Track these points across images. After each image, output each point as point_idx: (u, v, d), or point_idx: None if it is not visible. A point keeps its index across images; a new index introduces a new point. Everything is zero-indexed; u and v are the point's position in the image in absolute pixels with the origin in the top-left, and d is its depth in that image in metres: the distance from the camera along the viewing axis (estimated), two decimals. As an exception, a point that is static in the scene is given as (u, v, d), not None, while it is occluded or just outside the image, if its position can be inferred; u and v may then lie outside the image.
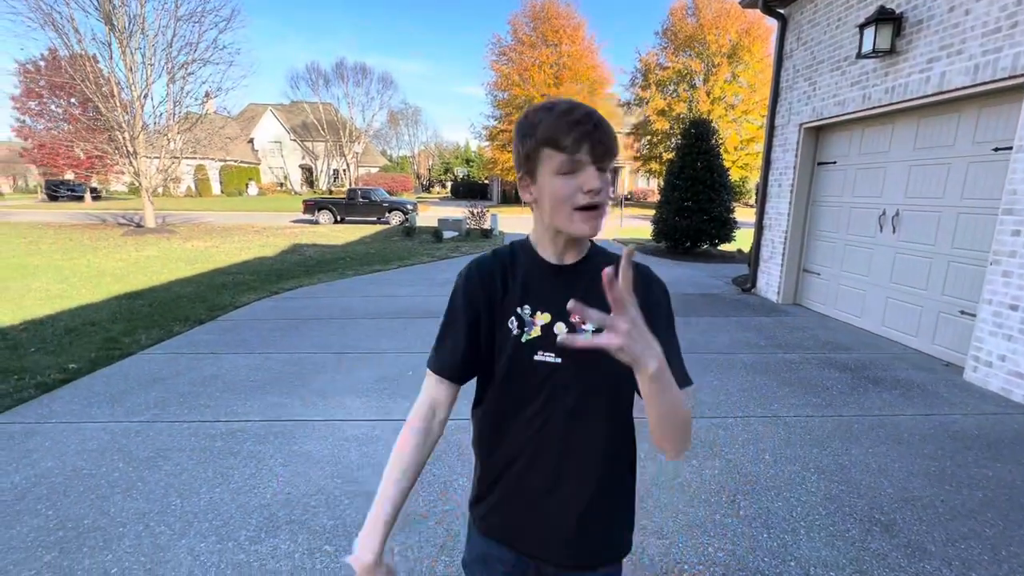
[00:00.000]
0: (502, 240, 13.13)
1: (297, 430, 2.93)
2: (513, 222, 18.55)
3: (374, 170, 42.93)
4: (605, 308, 0.63)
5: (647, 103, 26.86)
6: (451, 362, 0.88)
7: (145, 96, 13.78)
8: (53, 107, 28.89)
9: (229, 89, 18.36)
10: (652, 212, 11.82)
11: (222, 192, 37.14)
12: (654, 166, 27.92)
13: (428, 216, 20.17)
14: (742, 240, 10.68)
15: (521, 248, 0.90)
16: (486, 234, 13.67)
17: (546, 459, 0.85)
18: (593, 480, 0.86)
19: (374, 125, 43.26)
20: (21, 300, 6.06)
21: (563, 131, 0.75)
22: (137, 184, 14.43)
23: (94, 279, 7.45)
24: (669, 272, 8.59)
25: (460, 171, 54.05)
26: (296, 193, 39.98)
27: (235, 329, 5.00)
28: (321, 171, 42.31)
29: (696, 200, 10.18)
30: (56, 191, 31.26)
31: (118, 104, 13.47)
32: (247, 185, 38.41)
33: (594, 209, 0.78)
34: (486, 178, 40.93)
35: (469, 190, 40.80)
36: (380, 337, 4.72)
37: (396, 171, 44.81)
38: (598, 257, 0.89)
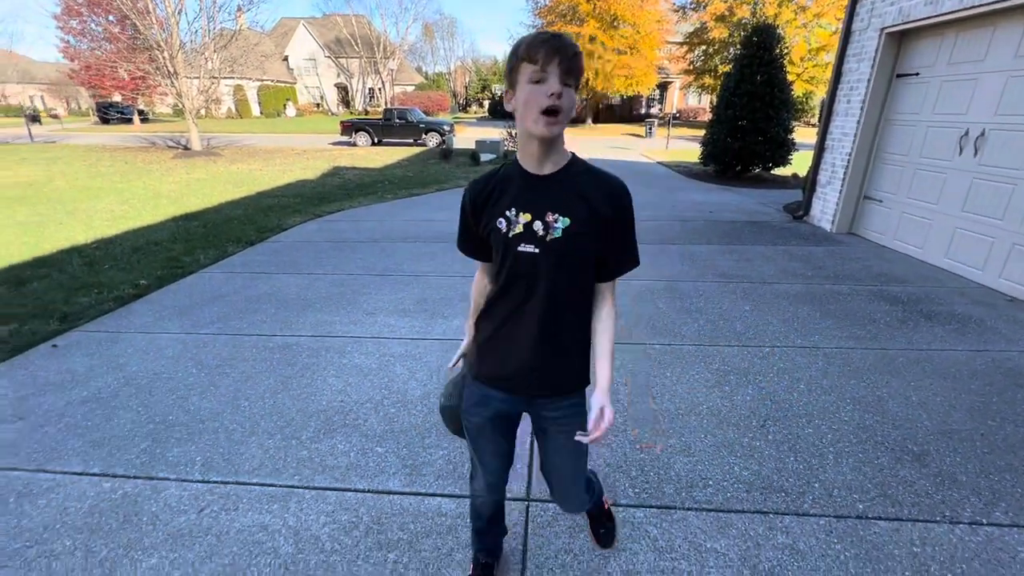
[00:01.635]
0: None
1: (346, 345, 3.14)
2: (552, 144, 17.79)
3: (409, 88, 41.50)
4: (574, 207, 1.08)
5: (705, 7, 24.17)
6: (463, 246, 1.27)
7: (179, 12, 13.52)
8: (93, 26, 28.82)
9: (261, 1, 17.59)
10: (702, 132, 11.07)
11: (261, 113, 37.16)
12: (707, 81, 25.67)
13: (465, 137, 19.66)
14: (799, 164, 9.94)
15: (513, 165, 1.14)
16: (524, 157, 13.28)
17: (526, 322, 1.15)
18: (558, 336, 1.17)
19: (408, 39, 41.27)
20: (90, 220, 6.49)
21: (536, 47, 0.97)
22: (180, 106, 14.60)
23: (151, 201, 7.84)
24: (715, 198, 8.20)
25: (498, 89, 51.47)
26: (333, 114, 39.50)
27: (284, 250, 5.24)
28: (356, 90, 41.29)
29: (752, 119, 9.42)
30: (107, 113, 32.05)
31: (154, 21, 13.32)
32: (285, 106, 38.17)
33: (554, 114, 0.99)
34: (525, 96, 38.89)
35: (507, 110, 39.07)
36: (420, 260, 4.84)
37: (432, 89, 43.14)
38: (575, 168, 1.12)
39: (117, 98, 34.30)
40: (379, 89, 39.15)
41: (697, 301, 3.83)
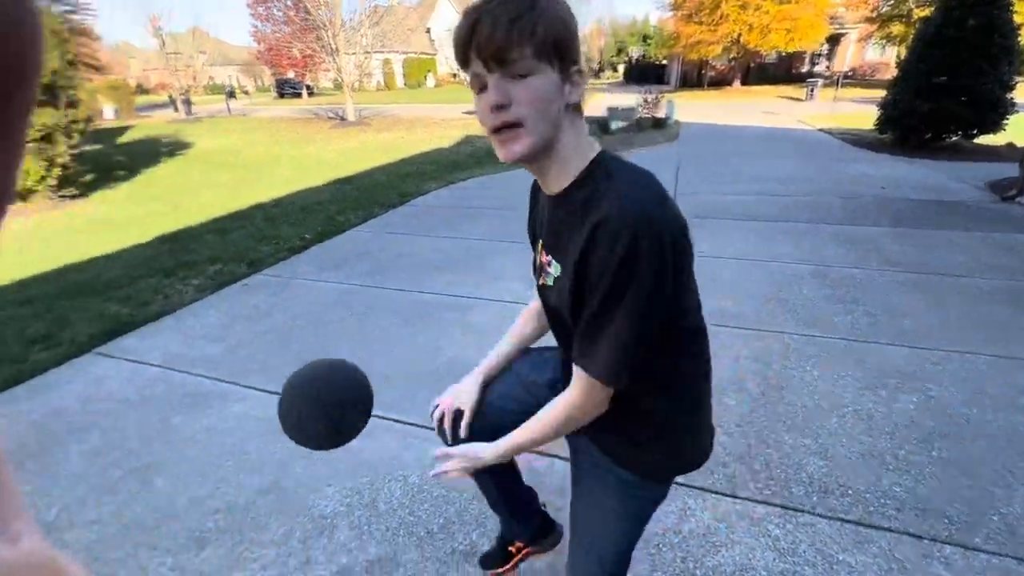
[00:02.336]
0: (677, 131, 11.90)
1: (472, 305, 3.34)
2: (694, 110, 16.51)
3: (542, 55, 41.16)
4: (566, 247, 0.74)
5: (902, -64, 19.92)
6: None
7: (342, -8, 14.89)
8: (275, 11, 33.04)
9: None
10: (880, 94, 9.34)
11: (405, 85, 39.91)
12: (896, 29, 21.39)
13: (596, 105, 19.05)
14: (1016, 130, 7.93)
15: None
16: (659, 124, 12.47)
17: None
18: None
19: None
20: (272, 183, 7.67)
21: (455, 44, 0.68)
22: (340, 80, 16.27)
23: (316, 167, 8.97)
24: (891, 171, 6.95)
25: (635, 51, 48.72)
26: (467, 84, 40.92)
27: (420, 214, 5.67)
28: (491, 59, 42.15)
29: (954, 74, 7.67)
30: (283, 89, 37.01)
31: (322, 2, 14.88)
32: (425, 77, 40.49)
33: (502, 130, 0.68)
34: (664, 58, 36.27)
35: (643, 73, 36.86)
36: (544, 229, 4.89)
37: (565, 55, 42.28)
38: (588, 184, 0.73)
39: (290, 75, 39.32)
40: (513, 57, 39.54)
41: (853, 290, 3.34)
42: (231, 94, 31.19)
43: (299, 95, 35.65)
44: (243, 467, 2.02)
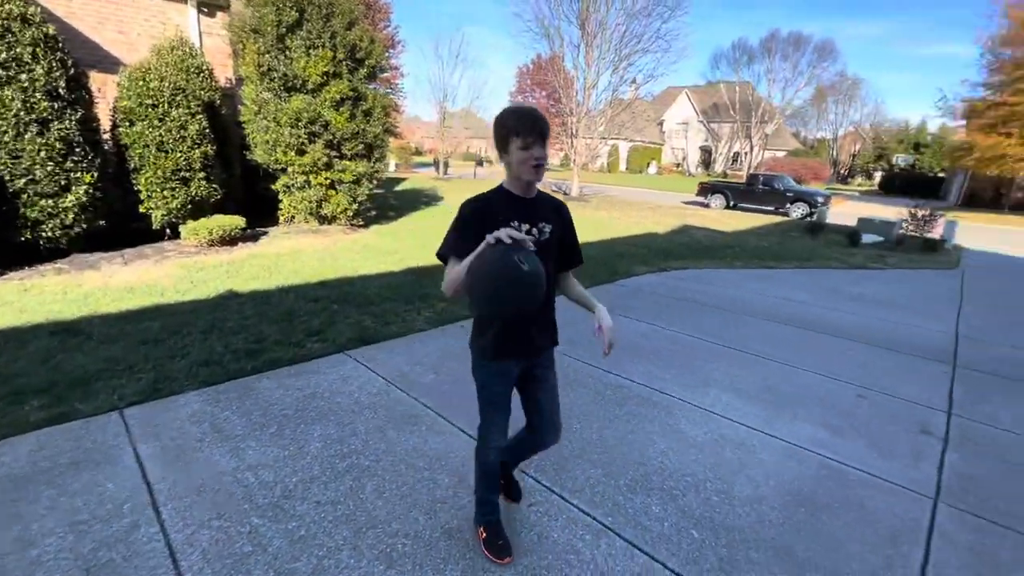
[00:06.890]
0: (957, 258, 9.63)
1: (675, 407, 3.06)
2: (986, 235, 13.27)
3: (780, 154, 38.70)
4: (548, 218, 1.70)
5: None
6: (466, 249, 1.50)
7: (593, 87, 16.64)
8: (531, 98, 38.71)
9: (661, 75, 19.81)
10: None
11: (627, 169, 41.80)
12: None
13: (842, 213, 16.85)
14: None
15: (501, 190, 1.66)
16: (931, 246, 10.24)
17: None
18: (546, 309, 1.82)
19: (794, 103, 38.45)
20: (498, 239, 8.62)
21: (530, 125, 1.53)
22: (573, 160, 17.88)
23: (537, 232, 9.80)
24: None
25: (901, 159, 42.26)
26: (690, 174, 40.81)
27: (629, 295, 5.61)
28: (720, 153, 41.43)
29: None
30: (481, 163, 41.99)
31: (573, 94, 16.84)
32: (648, 164, 41.80)
33: (540, 167, 1.56)
34: (942, 170, 30.53)
35: (909, 184, 31.47)
36: (768, 341, 4.32)
37: (810, 156, 39.11)
38: (543, 195, 1.74)
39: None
40: (745, 153, 38.12)
41: None
42: (480, 162, 37.03)
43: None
44: (435, 498, 2.12)
